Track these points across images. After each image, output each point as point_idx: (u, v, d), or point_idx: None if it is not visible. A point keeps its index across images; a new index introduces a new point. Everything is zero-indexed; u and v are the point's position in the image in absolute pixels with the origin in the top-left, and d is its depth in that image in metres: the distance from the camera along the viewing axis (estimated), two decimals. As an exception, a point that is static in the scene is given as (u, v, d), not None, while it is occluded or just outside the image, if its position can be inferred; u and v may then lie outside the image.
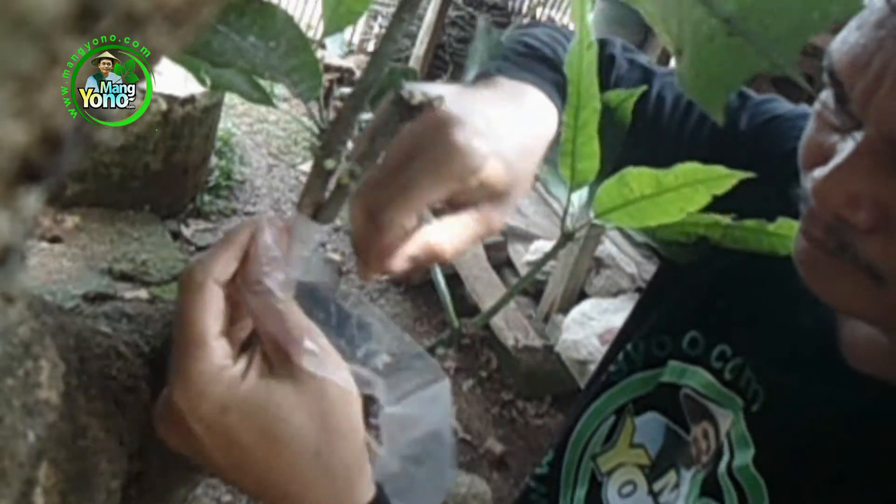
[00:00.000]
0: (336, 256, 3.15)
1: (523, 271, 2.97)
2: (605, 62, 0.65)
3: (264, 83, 0.54)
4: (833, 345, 0.53)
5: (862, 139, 0.41)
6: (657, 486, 0.62)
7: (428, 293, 3.09)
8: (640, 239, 0.60)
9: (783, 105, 0.65)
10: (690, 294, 0.65)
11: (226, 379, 0.38)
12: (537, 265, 0.62)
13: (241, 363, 0.39)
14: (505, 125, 0.46)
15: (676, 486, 0.60)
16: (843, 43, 0.42)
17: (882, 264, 0.42)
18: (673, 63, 0.69)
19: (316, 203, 0.43)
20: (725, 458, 0.55)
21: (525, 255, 3.01)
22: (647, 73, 0.68)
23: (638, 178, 0.51)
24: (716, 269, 0.62)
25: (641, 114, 0.66)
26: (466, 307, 2.81)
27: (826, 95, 0.46)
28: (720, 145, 0.63)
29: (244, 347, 0.41)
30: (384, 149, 0.41)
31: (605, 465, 0.66)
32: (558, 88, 0.55)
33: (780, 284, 0.56)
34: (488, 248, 3.07)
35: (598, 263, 2.88)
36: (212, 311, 0.39)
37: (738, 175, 0.49)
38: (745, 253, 0.56)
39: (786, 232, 0.52)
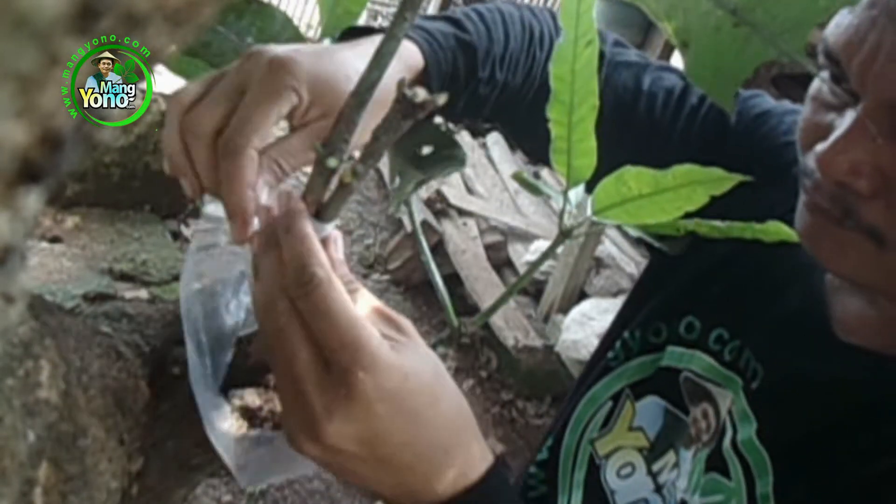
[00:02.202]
0: (336, 256, 3.14)
1: (523, 271, 2.97)
2: None
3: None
4: (825, 320, 0.56)
5: (861, 110, 0.45)
6: (656, 467, 0.64)
7: (428, 293, 3.09)
8: (635, 234, 0.60)
9: (768, 101, 0.68)
10: (683, 281, 0.67)
11: (393, 348, 0.40)
12: (536, 263, 0.62)
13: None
14: (334, 50, 0.49)
15: (676, 465, 0.62)
16: (837, 26, 0.46)
17: (884, 227, 0.45)
18: (674, 60, 0.69)
19: (317, 202, 0.43)
20: (729, 434, 0.57)
21: (525, 255, 3.01)
22: (636, 70, 0.69)
23: (636, 177, 0.51)
24: (707, 257, 0.64)
25: (632, 110, 0.67)
26: (466, 307, 2.81)
27: (819, 80, 0.49)
28: (711, 142, 0.66)
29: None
30: (387, 147, 0.41)
31: (603, 449, 0.68)
32: (438, 36, 0.57)
33: (769, 267, 0.60)
34: (488, 248, 3.07)
35: (598, 263, 2.88)
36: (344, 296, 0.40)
37: (736, 178, 0.50)
38: (735, 241, 0.57)
39: (772, 230, 0.53)
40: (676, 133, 0.67)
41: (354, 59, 0.48)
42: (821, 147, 0.46)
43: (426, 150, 0.55)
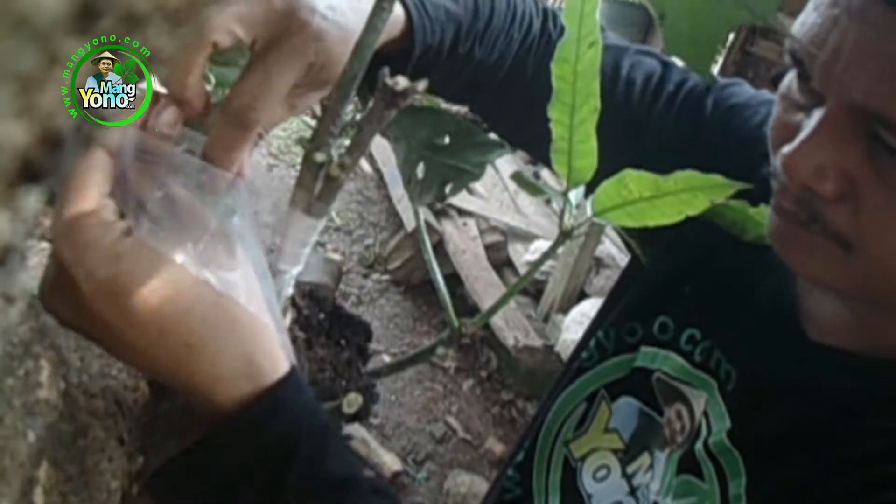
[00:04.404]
0: (336, 256, 3.14)
1: (523, 271, 2.97)
2: None
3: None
4: (797, 321, 0.55)
5: (825, 112, 0.44)
6: (630, 469, 0.63)
7: (428, 293, 3.09)
8: (619, 234, 0.60)
9: (746, 90, 0.67)
10: (657, 281, 0.66)
11: (116, 230, 0.38)
12: (536, 264, 0.62)
13: (124, 222, 0.39)
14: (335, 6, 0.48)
15: (650, 467, 0.61)
16: (802, 25, 0.45)
17: (850, 232, 0.44)
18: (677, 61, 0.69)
19: (308, 197, 0.43)
20: (703, 436, 0.56)
21: (525, 255, 3.01)
22: (616, 54, 0.68)
23: (637, 180, 0.51)
24: (680, 258, 0.64)
25: (611, 95, 0.66)
26: (466, 307, 2.81)
27: (790, 77, 0.48)
28: (685, 131, 0.65)
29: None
30: (371, 137, 0.41)
31: (578, 451, 0.67)
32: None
33: (740, 268, 0.60)
34: (488, 248, 3.07)
35: (598, 263, 2.88)
36: (99, 170, 0.39)
37: (737, 185, 0.50)
38: (708, 241, 0.58)
39: (760, 218, 0.54)
40: (653, 120, 0.66)
41: (353, 19, 0.48)
42: (787, 149, 0.45)
43: (442, 140, 0.55)
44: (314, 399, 0.44)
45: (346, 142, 0.43)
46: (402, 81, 0.38)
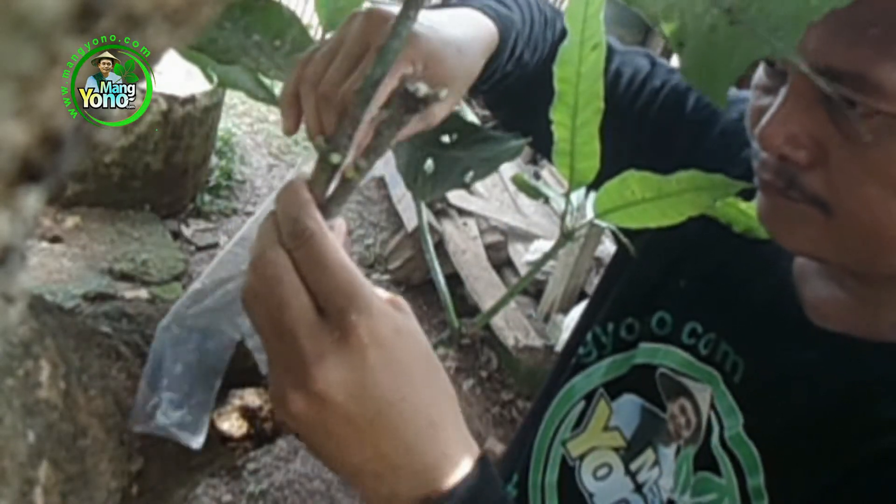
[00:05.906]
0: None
1: (523, 271, 2.97)
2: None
3: (267, 82, 0.54)
4: (798, 309, 0.56)
5: (788, 85, 0.47)
6: (634, 466, 0.63)
7: (428, 293, 3.09)
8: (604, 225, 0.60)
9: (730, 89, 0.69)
10: (650, 275, 0.67)
11: (391, 306, 0.40)
12: (537, 265, 0.62)
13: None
14: (442, 24, 0.52)
15: (655, 463, 0.61)
16: None
17: (825, 193, 0.47)
18: (674, 61, 0.70)
19: (320, 198, 0.43)
20: (716, 430, 0.57)
21: (525, 255, 3.01)
22: (607, 51, 0.70)
23: (640, 181, 0.51)
24: (671, 251, 0.65)
25: None
26: (466, 307, 2.81)
27: (760, 69, 0.52)
28: (667, 123, 0.67)
29: None
30: (390, 142, 0.41)
31: (576, 450, 0.67)
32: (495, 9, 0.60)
33: (732, 262, 0.61)
34: (488, 248, 3.07)
35: (598, 263, 2.88)
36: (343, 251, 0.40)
37: (739, 185, 0.51)
38: (698, 234, 0.59)
39: (750, 211, 0.55)
40: (634, 113, 0.68)
41: (460, 34, 0.51)
42: (760, 124, 0.48)
43: (446, 138, 0.54)
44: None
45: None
46: (422, 88, 0.38)
